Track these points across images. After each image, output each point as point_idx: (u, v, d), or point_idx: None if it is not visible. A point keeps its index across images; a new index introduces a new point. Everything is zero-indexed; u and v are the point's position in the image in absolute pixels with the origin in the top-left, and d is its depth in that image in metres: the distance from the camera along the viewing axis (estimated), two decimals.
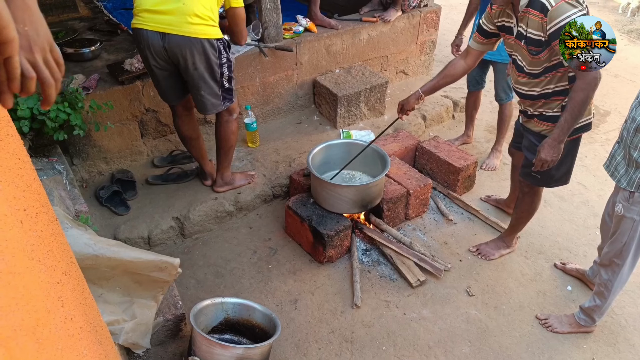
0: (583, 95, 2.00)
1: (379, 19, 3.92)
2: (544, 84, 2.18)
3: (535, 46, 2.07)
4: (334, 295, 2.58)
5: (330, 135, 3.63)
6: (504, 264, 2.79)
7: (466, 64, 2.48)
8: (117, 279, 1.91)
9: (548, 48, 2.03)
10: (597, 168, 3.65)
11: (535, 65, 2.14)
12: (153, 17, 2.31)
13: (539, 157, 2.18)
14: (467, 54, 2.47)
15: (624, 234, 2.06)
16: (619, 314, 2.50)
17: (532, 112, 2.31)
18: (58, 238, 1.07)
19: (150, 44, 2.37)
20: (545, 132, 2.29)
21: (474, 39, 2.41)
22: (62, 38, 3.50)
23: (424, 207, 3.13)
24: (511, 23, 2.18)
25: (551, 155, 2.15)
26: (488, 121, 4.16)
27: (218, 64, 2.46)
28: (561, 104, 2.20)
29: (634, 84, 4.97)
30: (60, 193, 2.19)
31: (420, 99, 2.57)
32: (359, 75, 3.82)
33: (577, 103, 2.02)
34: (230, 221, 3.04)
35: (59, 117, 2.39)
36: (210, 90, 2.51)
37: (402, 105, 2.62)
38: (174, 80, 2.57)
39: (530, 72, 2.19)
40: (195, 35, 2.33)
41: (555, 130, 2.12)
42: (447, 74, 2.51)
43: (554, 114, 2.23)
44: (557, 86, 2.16)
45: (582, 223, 3.11)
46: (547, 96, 2.20)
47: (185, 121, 2.80)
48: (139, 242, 2.76)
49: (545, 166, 2.19)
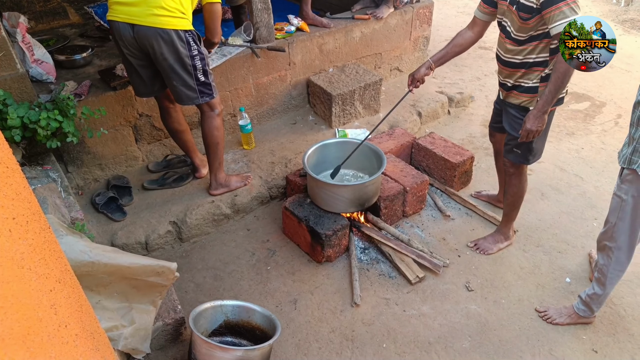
0: (566, 66, 2.06)
1: (371, 16, 3.91)
2: (526, 53, 2.25)
3: (525, 12, 2.14)
4: (334, 295, 2.57)
5: (325, 135, 3.63)
6: (503, 258, 2.79)
7: (474, 33, 2.54)
8: (114, 285, 1.90)
9: (538, 15, 2.10)
10: (594, 159, 3.65)
11: (522, 31, 2.20)
12: (123, 8, 2.39)
13: (524, 128, 2.27)
14: (474, 24, 2.52)
15: (612, 213, 2.11)
16: (618, 304, 2.50)
17: (511, 84, 2.38)
18: (51, 246, 1.07)
19: (122, 35, 2.44)
20: (525, 103, 2.36)
21: (479, 8, 2.46)
22: (54, 45, 3.49)
23: (422, 203, 3.13)
24: None
25: (536, 125, 2.24)
26: (484, 116, 4.16)
27: (188, 56, 2.49)
28: (540, 75, 2.27)
29: (630, 74, 4.97)
30: (54, 201, 2.18)
31: (431, 68, 2.61)
32: (352, 74, 3.81)
33: (561, 74, 2.10)
34: (228, 224, 3.03)
35: (50, 125, 2.38)
36: (183, 81, 2.55)
37: (412, 77, 2.65)
38: (150, 71, 2.61)
39: (515, 38, 2.25)
40: (160, 26, 2.37)
41: (539, 101, 2.21)
42: (456, 44, 2.57)
43: (533, 84, 2.30)
44: (538, 56, 2.23)
45: (579, 215, 3.11)
46: (527, 65, 2.27)
47: (171, 114, 2.87)
48: (136, 247, 2.75)
49: (531, 136, 2.29)
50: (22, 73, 2.53)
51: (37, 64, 2.95)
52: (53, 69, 3.03)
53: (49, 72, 2.99)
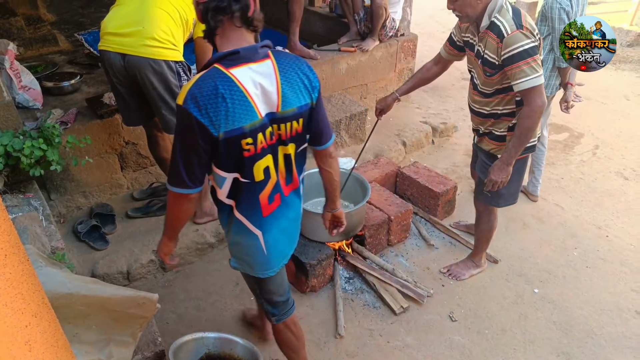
0: (530, 122, 2.13)
1: (357, 48, 4.01)
2: (494, 105, 2.31)
3: (489, 67, 2.19)
4: (317, 326, 2.55)
5: (312, 163, 3.65)
6: (486, 288, 2.81)
7: (438, 69, 2.61)
8: (93, 317, 1.86)
9: (501, 72, 2.15)
10: (573, 189, 3.73)
11: (488, 85, 2.26)
12: (115, 39, 2.43)
13: (489, 178, 2.32)
14: (438, 61, 2.59)
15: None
16: (599, 334, 2.52)
17: (483, 131, 2.43)
18: (29, 279, 1.06)
19: (112, 64, 2.48)
20: (494, 150, 2.41)
21: (444, 47, 2.52)
22: (42, 72, 3.51)
23: (406, 232, 3.15)
24: (474, 40, 2.29)
25: (500, 177, 2.28)
26: (467, 145, 4.24)
27: (177, 86, 2.53)
28: (508, 125, 2.32)
29: (606, 106, 5.13)
30: (35, 230, 2.16)
31: (397, 100, 2.68)
32: (339, 104, 3.88)
33: (524, 129, 2.16)
34: (212, 253, 3.01)
35: (34, 154, 2.37)
36: (172, 110, 2.57)
37: (380, 107, 2.71)
38: (139, 100, 2.64)
39: (482, 91, 2.31)
40: (152, 56, 2.41)
41: (503, 154, 2.26)
42: (420, 78, 2.65)
43: (501, 133, 2.35)
44: (505, 108, 2.29)
45: (560, 244, 3.15)
46: (496, 116, 2.33)
47: (159, 142, 2.88)
48: (117, 277, 2.72)
49: (496, 187, 2.33)
50: (9, 101, 2.53)
51: (24, 91, 2.96)
52: (40, 95, 3.04)
53: (35, 98, 3.00)
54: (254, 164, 1.50)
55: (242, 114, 1.39)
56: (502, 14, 2.08)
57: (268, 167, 1.54)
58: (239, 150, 1.44)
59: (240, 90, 1.39)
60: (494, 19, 2.09)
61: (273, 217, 1.64)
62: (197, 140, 1.39)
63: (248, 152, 1.46)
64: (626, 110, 5.05)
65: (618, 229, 3.32)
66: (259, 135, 1.45)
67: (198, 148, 1.41)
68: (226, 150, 1.43)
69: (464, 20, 2.22)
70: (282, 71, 1.46)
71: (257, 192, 1.56)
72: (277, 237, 1.69)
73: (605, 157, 4.19)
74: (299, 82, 1.50)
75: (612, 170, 3.99)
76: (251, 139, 1.44)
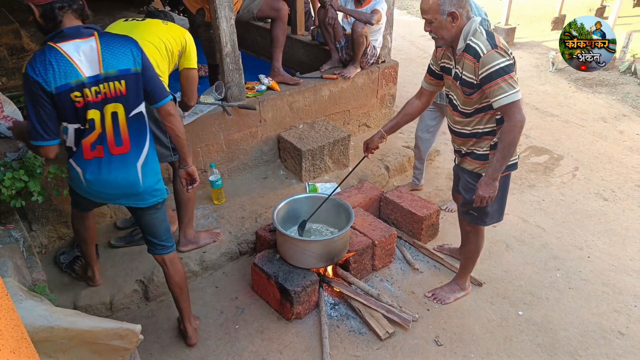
0: (511, 136, 2.19)
1: (339, 75, 4.09)
2: (474, 124, 2.37)
3: (468, 87, 2.27)
4: (303, 353, 2.53)
5: (296, 189, 3.68)
6: (470, 311, 2.82)
7: (422, 103, 2.68)
8: (74, 350, 1.83)
9: (479, 90, 2.24)
10: (554, 211, 3.80)
11: (468, 105, 2.34)
12: None
13: (477, 194, 2.36)
14: (421, 94, 2.66)
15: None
16: (583, 356, 2.54)
17: (465, 151, 2.49)
18: (8, 314, 1.05)
19: None
20: (478, 169, 2.46)
21: (425, 79, 2.60)
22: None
23: (390, 257, 3.17)
24: (450, 65, 2.37)
25: (488, 192, 2.33)
26: (449, 169, 4.31)
27: None
28: (490, 143, 2.38)
29: (584, 128, 5.27)
30: (16, 262, 2.13)
31: (383, 137, 2.73)
32: (322, 130, 3.93)
33: (507, 144, 2.22)
34: (196, 281, 2.99)
35: (15, 185, 2.36)
36: (158, 140, 2.61)
37: (367, 145, 2.77)
38: None
39: (462, 111, 2.38)
40: None
41: (489, 169, 2.31)
42: (405, 113, 2.71)
43: (483, 152, 2.41)
44: (485, 127, 2.36)
45: (542, 266, 3.20)
46: (478, 136, 2.39)
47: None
48: (100, 308, 2.68)
49: (484, 202, 2.37)
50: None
51: (5, 121, 2.95)
52: None
53: None
54: (84, 114, 1.92)
55: (67, 74, 1.84)
56: (476, 37, 2.18)
57: (94, 119, 1.95)
58: (70, 102, 1.88)
59: (64, 57, 1.84)
60: (469, 42, 2.20)
61: (93, 163, 2.04)
62: (38, 94, 1.83)
63: (79, 104, 1.89)
64: (603, 132, 5.20)
65: (599, 249, 3.38)
66: (85, 90, 1.88)
67: (40, 100, 1.84)
68: (61, 103, 1.87)
69: (440, 42, 2.31)
70: (103, 43, 1.91)
71: (82, 137, 1.98)
72: (95, 181, 2.07)
73: (585, 178, 4.29)
74: (121, 52, 1.94)
75: (592, 192, 4.08)
76: (79, 93, 1.87)
